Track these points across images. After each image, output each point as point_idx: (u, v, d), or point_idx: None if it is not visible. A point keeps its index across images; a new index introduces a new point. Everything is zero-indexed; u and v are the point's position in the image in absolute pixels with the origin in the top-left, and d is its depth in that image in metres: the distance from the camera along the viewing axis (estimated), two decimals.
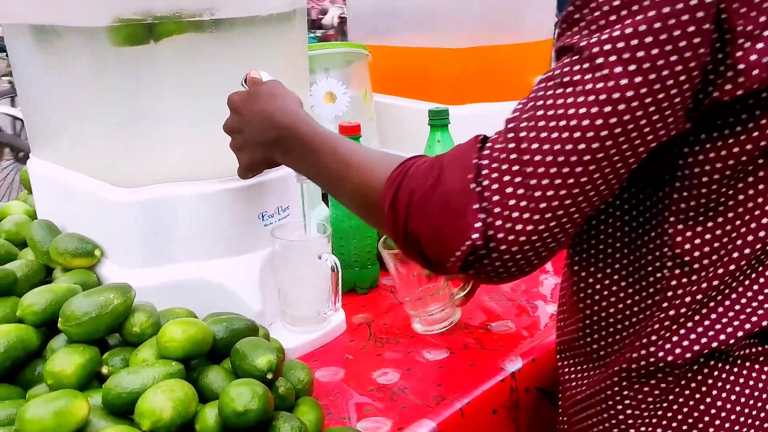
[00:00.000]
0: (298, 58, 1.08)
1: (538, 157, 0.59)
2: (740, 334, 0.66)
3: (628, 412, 0.72)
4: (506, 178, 0.60)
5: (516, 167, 0.60)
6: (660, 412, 0.70)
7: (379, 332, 1.05)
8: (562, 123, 0.59)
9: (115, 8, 0.87)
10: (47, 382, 0.77)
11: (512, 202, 0.60)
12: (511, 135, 0.61)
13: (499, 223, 0.60)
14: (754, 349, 0.67)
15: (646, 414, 0.71)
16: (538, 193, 0.59)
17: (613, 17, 0.58)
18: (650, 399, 0.70)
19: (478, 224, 0.60)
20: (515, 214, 0.60)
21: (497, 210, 0.60)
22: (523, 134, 0.60)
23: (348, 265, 1.15)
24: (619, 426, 0.73)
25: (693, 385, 0.68)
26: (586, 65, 0.58)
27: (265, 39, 0.98)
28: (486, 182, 0.61)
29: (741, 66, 0.57)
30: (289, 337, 0.99)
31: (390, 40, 1.48)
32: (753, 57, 0.57)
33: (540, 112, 0.60)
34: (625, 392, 0.72)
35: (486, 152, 0.62)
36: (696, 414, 0.68)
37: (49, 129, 1.08)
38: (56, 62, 0.99)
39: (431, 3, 1.40)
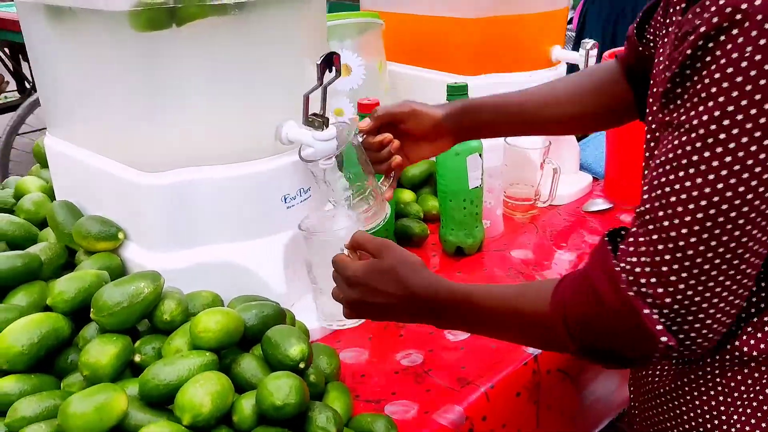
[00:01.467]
0: (318, 34, 1.07)
1: (683, 242, 0.59)
2: None
3: (716, 401, 0.72)
4: (664, 268, 0.60)
5: (668, 256, 0.60)
6: (755, 403, 0.70)
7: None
8: (703, 203, 0.58)
9: None
10: (83, 373, 0.78)
11: (680, 294, 0.60)
12: (651, 227, 0.61)
13: (680, 318, 0.61)
14: None
15: (739, 404, 0.71)
16: (703, 278, 0.59)
17: (716, 88, 0.56)
18: (743, 388, 0.70)
19: (660, 326, 0.61)
20: (692, 302, 0.60)
21: (675, 307, 0.60)
22: (665, 223, 0.60)
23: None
24: (704, 416, 0.74)
25: None
26: (700, 143, 0.58)
27: (286, 19, 0.96)
28: (644, 281, 0.61)
29: None
30: (312, 317, 1.00)
31: (404, 7, 1.46)
32: None
33: (673, 198, 0.59)
34: (718, 381, 0.72)
35: (631, 251, 0.62)
36: None
37: (67, 109, 1.07)
38: (74, 44, 0.97)
39: None
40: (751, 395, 0.69)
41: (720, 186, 0.57)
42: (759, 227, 0.58)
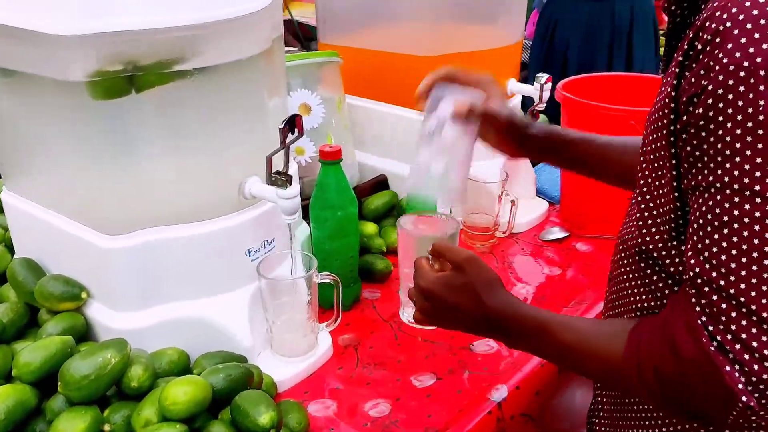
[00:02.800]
0: (279, 84, 1.07)
1: (753, 293, 0.59)
2: None
3: None
4: (744, 321, 0.60)
5: (734, 314, 0.60)
6: None
7: (366, 357, 1.08)
8: (755, 255, 0.59)
9: (94, 62, 0.85)
10: None
11: (756, 345, 0.59)
12: (707, 289, 0.62)
13: (763, 375, 0.60)
14: None
15: None
16: None
17: (740, 143, 0.58)
18: None
19: (741, 386, 0.60)
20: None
21: (755, 365, 0.60)
22: (722, 282, 0.60)
23: (330, 284, 1.17)
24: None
25: None
26: (738, 198, 0.59)
27: (247, 78, 0.97)
28: (720, 338, 0.61)
29: None
30: (279, 368, 1.02)
31: (362, 43, 1.47)
32: None
33: (723, 257, 0.60)
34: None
35: (699, 312, 0.62)
36: None
37: (26, 167, 1.06)
38: (31, 106, 0.96)
39: (399, 5, 1.39)
40: None
41: (767, 236, 0.58)
42: None
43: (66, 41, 0.83)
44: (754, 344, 0.59)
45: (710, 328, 0.61)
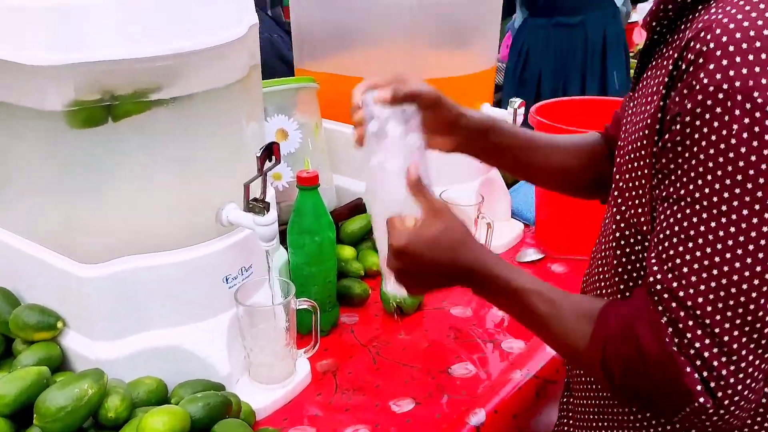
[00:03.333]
0: (256, 110, 1.08)
1: (709, 308, 0.62)
2: None
3: None
4: (699, 332, 0.62)
5: (690, 322, 0.62)
6: None
7: (344, 383, 1.08)
8: (715, 272, 0.61)
9: (72, 91, 0.85)
10: None
11: (715, 360, 0.62)
12: (674, 295, 0.63)
13: (721, 381, 0.62)
14: None
15: None
16: (731, 344, 0.62)
17: (712, 163, 0.60)
18: None
19: (699, 386, 0.63)
20: (729, 360, 0.62)
21: (714, 366, 0.62)
22: (681, 294, 0.63)
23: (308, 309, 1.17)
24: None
25: None
26: (706, 214, 0.61)
27: (225, 105, 0.97)
28: (685, 341, 0.63)
29: None
30: (257, 395, 1.01)
31: (338, 69, 1.48)
32: None
33: (685, 269, 0.62)
34: None
35: (666, 310, 0.64)
36: None
37: (1, 195, 1.05)
38: (8, 135, 0.96)
39: (374, 32, 1.41)
40: None
41: (728, 256, 0.61)
42: None
43: (43, 71, 0.84)
44: (706, 354, 0.62)
45: (670, 330, 0.64)
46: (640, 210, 0.73)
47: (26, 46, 0.85)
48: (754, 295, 0.61)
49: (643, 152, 0.70)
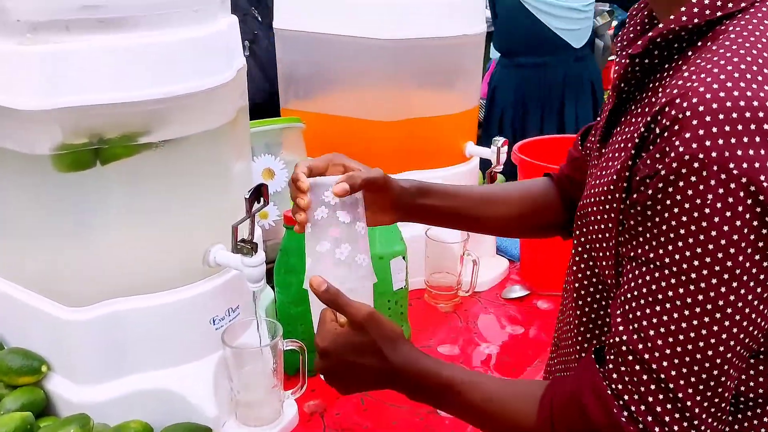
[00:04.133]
0: (243, 151, 1.09)
1: (674, 372, 0.62)
2: None
3: None
4: (650, 398, 0.63)
5: (653, 386, 0.63)
6: None
7: (332, 424, 1.08)
8: (681, 337, 0.62)
9: (59, 135, 0.85)
10: None
11: (668, 419, 0.62)
12: (630, 358, 0.64)
13: None
14: None
15: None
16: (687, 404, 0.62)
17: (684, 230, 0.61)
18: None
19: None
20: (691, 425, 0.62)
21: (675, 431, 0.62)
22: (646, 356, 0.63)
23: (295, 350, 1.17)
24: None
25: None
26: (674, 280, 0.62)
27: (212, 149, 0.98)
28: (633, 408, 0.63)
29: None
30: None
31: (323, 108, 1.50)
32: None
33: (651, 332, 0.63)
34: None
35: (615, 378, 0.65)
36: None
37: None
38: None
39: (359, 74, 1.43)
40: None
41: (695, 322, 0.61)
42: (736, 356, 0.62)
43: (31, 116, 0.84)
44: (667, 419, 0.62)
45: (626, 397, 0.64)
46: (605, 263, 0.74)
47: (14, 90, 0.86)
48: (718, 361, 0.62)
49: (608, 206, 0.71)
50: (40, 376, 0.98)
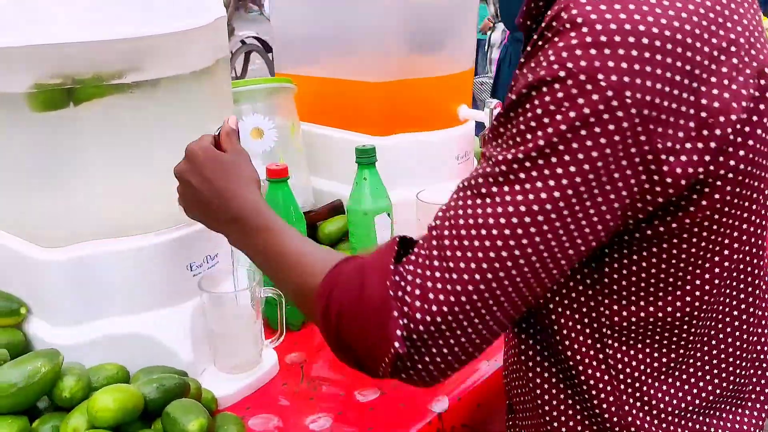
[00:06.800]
0: (223, 106, 1.09)
1: (462, 265, 0.61)
2: None
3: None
4: (429, 284, 0.62)
5: (438, 273, 0.62)
6: None
7: (312, 374, 1.08)
8: (483, 232, 0.60)
9: (32, 74, 0.86)
10: None
11: (434, 308, 0.61)
12: (434, 243, 0.63)
13: (422, 341, 0.62)
14: None
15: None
16: (463, 298, 0.61)
17: (531, 135, 0.59)
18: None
19: (399, 332, 0.62)
20: (438, 319, 0.61)
21: (418, 316, 0.61)
22: (446, 242, 0.62)
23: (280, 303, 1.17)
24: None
25: None
26: (503, 178, 0.60)
27: (188, 95, 0.99)
28: (409, 289, 0.62)
29: (669, 179, 0.60)
30: (222, 384, 1.01)
31: (316, 70, 1.50)
32: (678, 170, 0.59)
33: (461, 221, 0.61)
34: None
35: (412, 258, 0.64)
36: None
37: None
38: None
39: (352, 36, 1.43)
40: None
41: (503, 221, 0.60)
42: (536, 277, 0.61)
43: (3, 53, 0.85)
44: (431, 297, 0.61)
45: (408, 277, 0.63)
46: None
47: None
48: (512, 243, 0.60)
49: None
50: (20, 318, 0.99)
